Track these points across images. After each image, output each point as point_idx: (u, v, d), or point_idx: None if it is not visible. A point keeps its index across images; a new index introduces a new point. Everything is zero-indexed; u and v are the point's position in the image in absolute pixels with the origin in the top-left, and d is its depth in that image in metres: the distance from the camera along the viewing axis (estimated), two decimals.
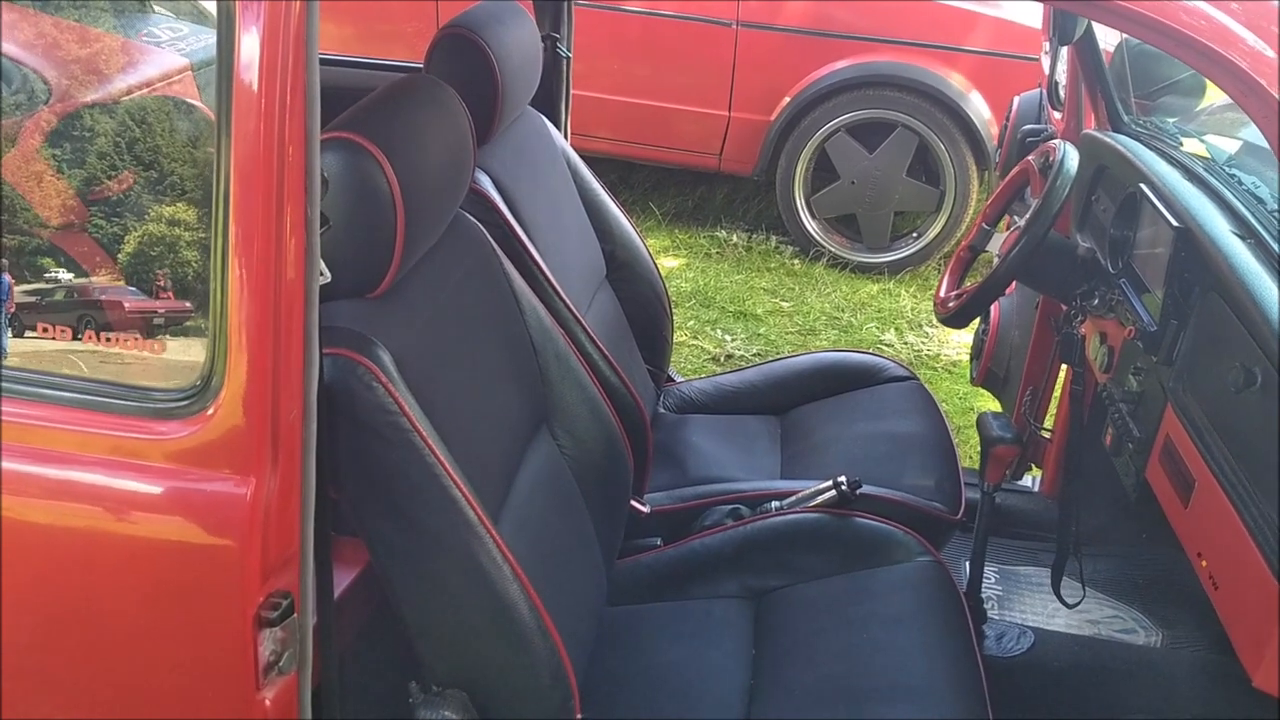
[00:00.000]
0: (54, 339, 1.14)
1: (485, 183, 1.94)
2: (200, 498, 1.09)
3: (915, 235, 4.72)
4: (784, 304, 4.43)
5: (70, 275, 1.17)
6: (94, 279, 1.17)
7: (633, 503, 2.01)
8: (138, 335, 1.14)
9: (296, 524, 1.14)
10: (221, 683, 1.14)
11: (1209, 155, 1.87)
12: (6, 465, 1.12)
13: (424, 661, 1.35)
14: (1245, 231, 1.53)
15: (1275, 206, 1.55)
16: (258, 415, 1.07)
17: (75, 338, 1.14)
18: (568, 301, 2.01)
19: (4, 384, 1.13)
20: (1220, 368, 1.44)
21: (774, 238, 4.95)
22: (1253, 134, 2.02)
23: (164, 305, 1.14)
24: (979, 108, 4.41)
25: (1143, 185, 1.77)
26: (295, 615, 1.15)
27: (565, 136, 2.46)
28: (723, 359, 4.00)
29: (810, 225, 4.76)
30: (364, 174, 1.26)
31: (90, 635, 1.16)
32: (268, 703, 1.15)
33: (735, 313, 4.35)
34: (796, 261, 4.78)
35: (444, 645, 1.35)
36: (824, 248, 4.74)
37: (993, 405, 3.13)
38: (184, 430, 1.09)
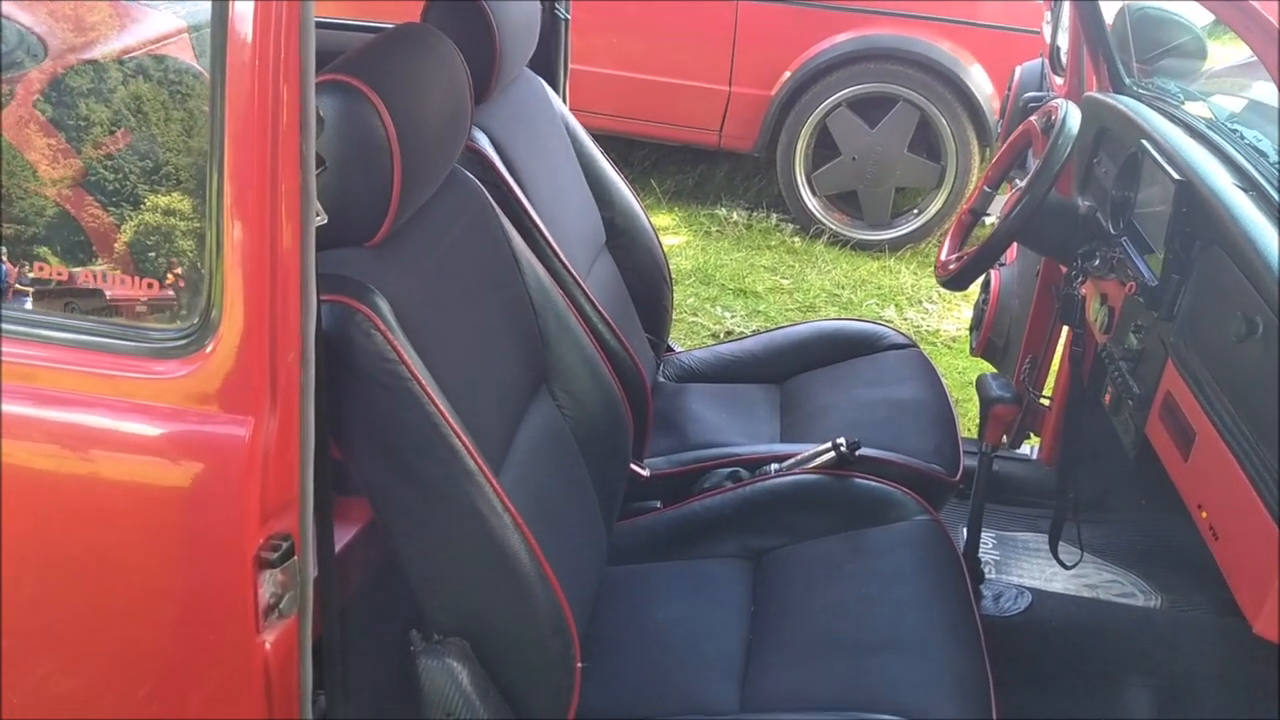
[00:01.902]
0: None
1: (482, 141, 1.93)
2: (199, 438, 1.09)
3: (916, 212, 4.71)
4: (784, 281, 4.42)
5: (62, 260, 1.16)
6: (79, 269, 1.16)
7: (632, 466, 2.01)
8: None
9: (296, 468, 1.13)
10: (222, 624, 1.13)
11: (1212, 115, 1.86)
12: (6, 407, 1.12)
13: (426, 611, 1.35)
14: (1247, 184, 1.52)
15: (1277, 159, 1.54)
16: (256, 354, 1.07)
17: None
18: (567, 264, 2.00)
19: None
20: (1221, 319, 1.44)
21: (774, 215, 4.94)
22: (1254, 94, 2.01)
23: (145, 293, 1.13)
24: (981, 82, 4.40)
25: (1144, 142, 1.76)
26: (295, 558, 1.15)
27: (564, 101, 2.45)
28: (722, 336, 4.00)
29: (811, 202, 4.74)
30: (359, 117, 1.25)
31: (89, 579, 1.16)
32: (268, 646, 1.15)
33: (735, 290, 4.34)
34: (797, 239, 4.77)
35: (445, 594, 1.35)
36: (824, 225, 4.73)
37: None
38: (182, 370, 1.08)
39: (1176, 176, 1.58)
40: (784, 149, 4.68)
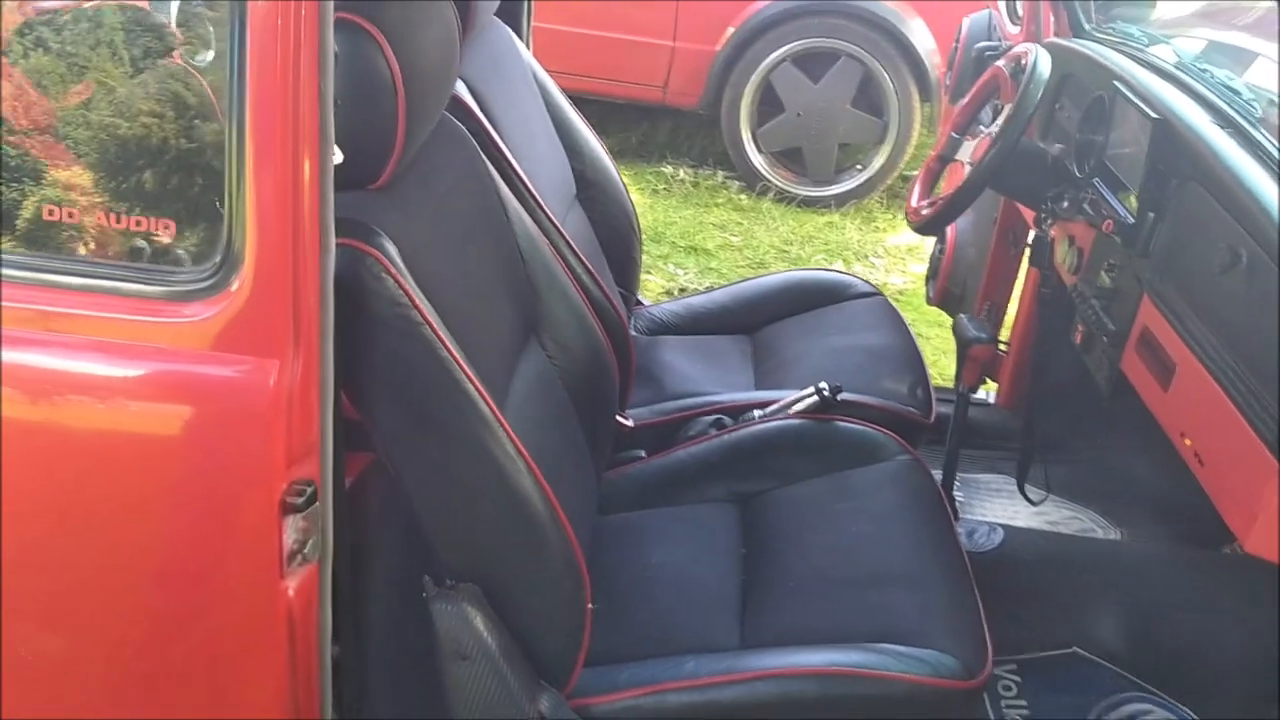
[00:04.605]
0: None
1: (461, 90, 1.90)
2: (225, 382, 1.07)
3: (860, 168, 4.76)
4: (733, 239, 4.45)
5: None
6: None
7: (616, 417, 2.02)
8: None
9: (317, 413, 1.12)
10: (246, 571, 1.12)
11: (1177, 58, 1.91)
12: (22, 356, 1.08)
13: (439, 556, 1.35)
14: (1223, 121, 1.57)
15: (1251, 96, 1.59)
16: (279, 293, 1.05)
17: None
18: (549, 213, 1.99)
19: (14, 270, 1.08)
20: (1202, 253, 1.49)
21: (720, 173, 4.95)
22: (1212, 34, 2.07)
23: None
24: (922, 36, 4.45)
25: (1116, 83, 1.80)
26: (318, 504, 1.13)
27: (529, 49, 2.42)
28: (676, 293, 4.01)
29: (756, 159, 4.76)
30: (364, 55, 1.23)
31: (115, 528, 1.13)
32: (291, 591, 1.14)
33: (686, 248, 4.36)
34: (743, 196, 4.79)
35: (459, 540, 1.35)
36: (770, 182, 4.76)
37: (946, 328, 3.20)
38: (207, 311, 1.06)
39: (1153, 115, 1.62)
40: (728, 105, 4.68)
